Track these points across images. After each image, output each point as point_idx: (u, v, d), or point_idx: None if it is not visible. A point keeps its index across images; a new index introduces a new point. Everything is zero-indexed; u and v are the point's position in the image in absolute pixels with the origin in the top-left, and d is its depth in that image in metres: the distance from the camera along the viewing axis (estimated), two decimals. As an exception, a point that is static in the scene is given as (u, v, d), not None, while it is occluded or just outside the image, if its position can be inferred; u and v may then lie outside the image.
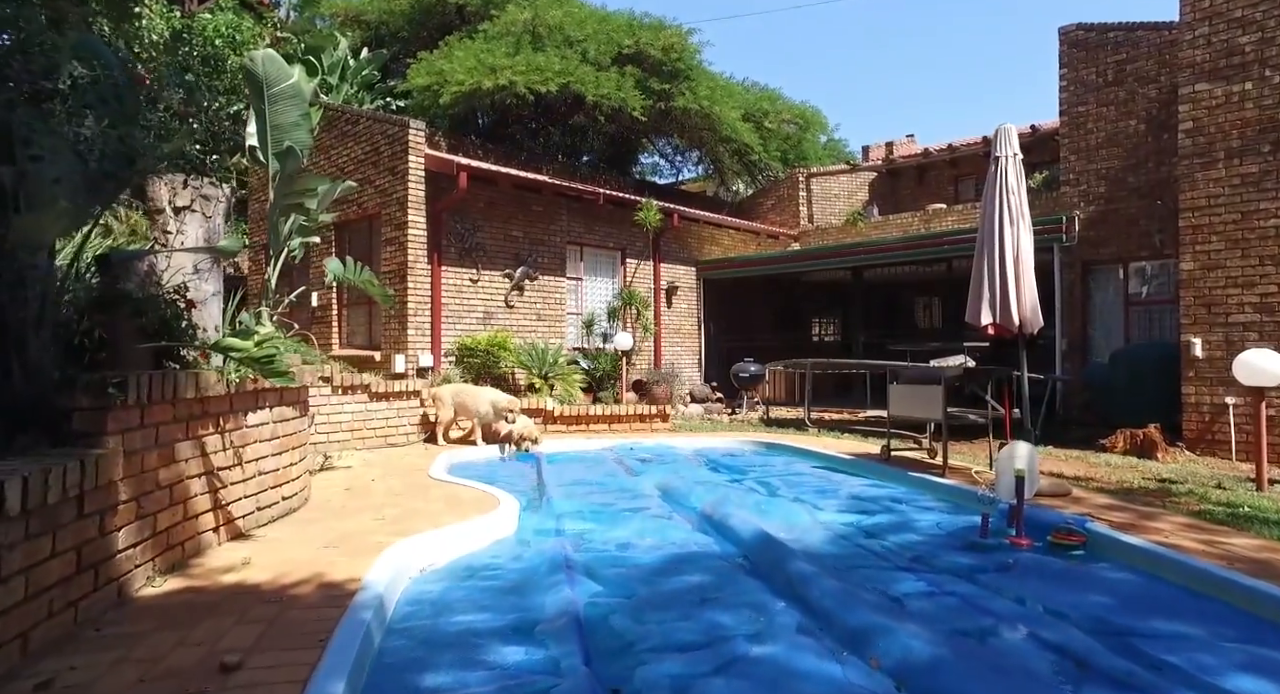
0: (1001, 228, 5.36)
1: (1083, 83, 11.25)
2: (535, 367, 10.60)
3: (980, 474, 4.56)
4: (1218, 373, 7.46)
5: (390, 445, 7.76)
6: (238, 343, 3.15)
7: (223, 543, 3.56)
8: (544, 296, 11.75)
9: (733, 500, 4.88)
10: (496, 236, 11.08)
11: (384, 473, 5.97)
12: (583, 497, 5.40)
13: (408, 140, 10.01)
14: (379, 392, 7.70)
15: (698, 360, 15.35)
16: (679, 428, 9.77)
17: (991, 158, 5.57)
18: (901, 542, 4.11)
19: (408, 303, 9.84)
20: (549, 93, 15.84)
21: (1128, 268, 10.88)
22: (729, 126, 17.55)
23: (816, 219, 18.40)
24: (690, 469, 6.74)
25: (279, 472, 4.18)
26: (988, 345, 8.21)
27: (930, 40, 60.34)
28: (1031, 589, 3.27)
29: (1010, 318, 5.28)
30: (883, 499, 5.24)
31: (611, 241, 13.44)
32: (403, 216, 10.01)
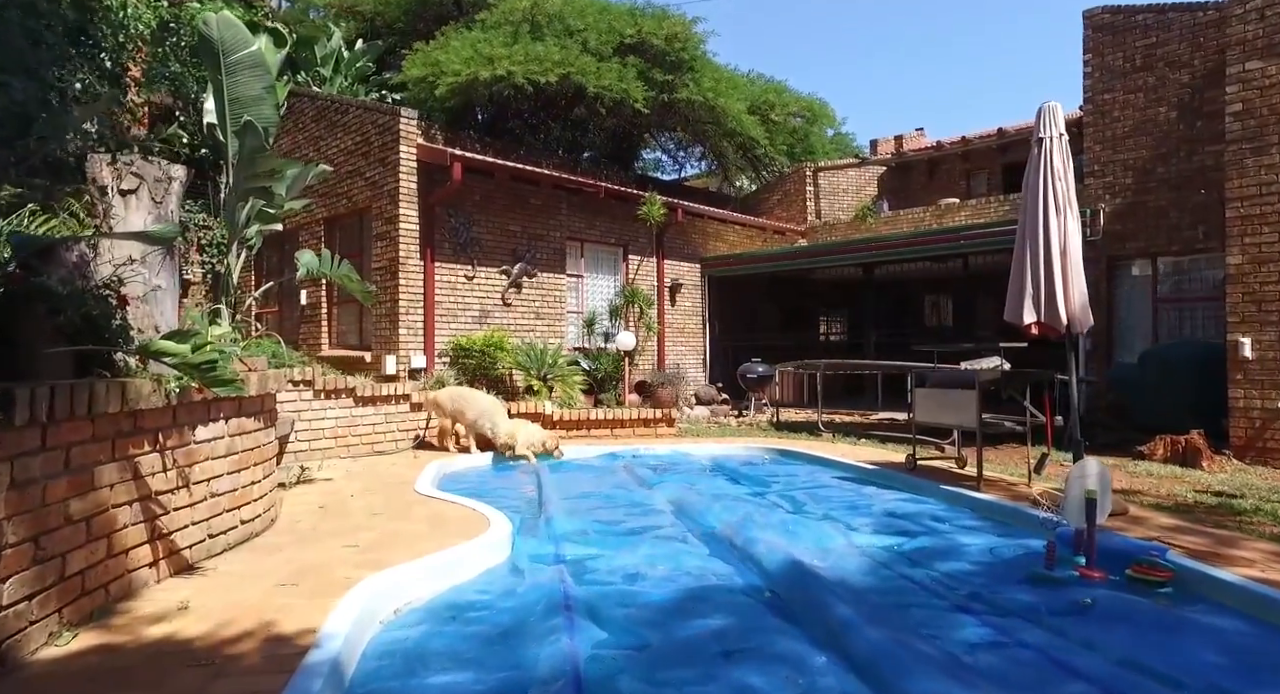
0: (1046, 216, 4.82)
1: (1109, 69, 10.70)
2: (534, 368, 10.07)
3: (1043, 494, 4.05)
4: (1269, 375, 6.92)
5: (378, 453, 7.23)
6: (170, 346, 2.62)
7: (162, 579, 3.04)
8: (543, 294, 11.23)
9: (756, 520, 4.35)
10: (493, 231, 10.56)
11: (366, 487, 5.45)
12: (587, 513, 4.87)
13: (399, 130, 9.49)
14: (365, 396, 7.18)
15: (702, 360, 14.84)
16: (685, 432, 9.25)
17: (1035, 139, 5.03)
18: (953, 572, 3.58)
19: (399, 301, 9.31)
20: (548, 84, 15.29)
21: (1156, 263, 10.33)
22: (734, 119, 17.00)
23: (824, 215, 17.85)
24: (706, 480, 6.21)
25: (237, 492, 3.66)
26: (1025, 346, 7.67)
27: (940, 29, 59.44)
28: (1122, 641, 2.73)
29: (1057, 316, 4.75)
30: (919, 517, 4.70)
31: (613, 237, 12.92)
32: (394, 210, 9.49)
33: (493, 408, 7.46)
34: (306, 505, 4.73)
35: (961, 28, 59.51)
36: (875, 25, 60.10)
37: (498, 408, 7.55)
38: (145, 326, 3.35)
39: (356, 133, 10.24)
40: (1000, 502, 4.84)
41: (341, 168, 10.46)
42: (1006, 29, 59.84)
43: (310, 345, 10.84)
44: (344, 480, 5.70)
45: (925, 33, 59.21)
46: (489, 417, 7.30)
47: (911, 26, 59.59)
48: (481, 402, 7.53)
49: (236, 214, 4.07)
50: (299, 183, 4.32)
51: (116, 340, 2.90)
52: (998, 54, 60.88)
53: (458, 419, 7.49)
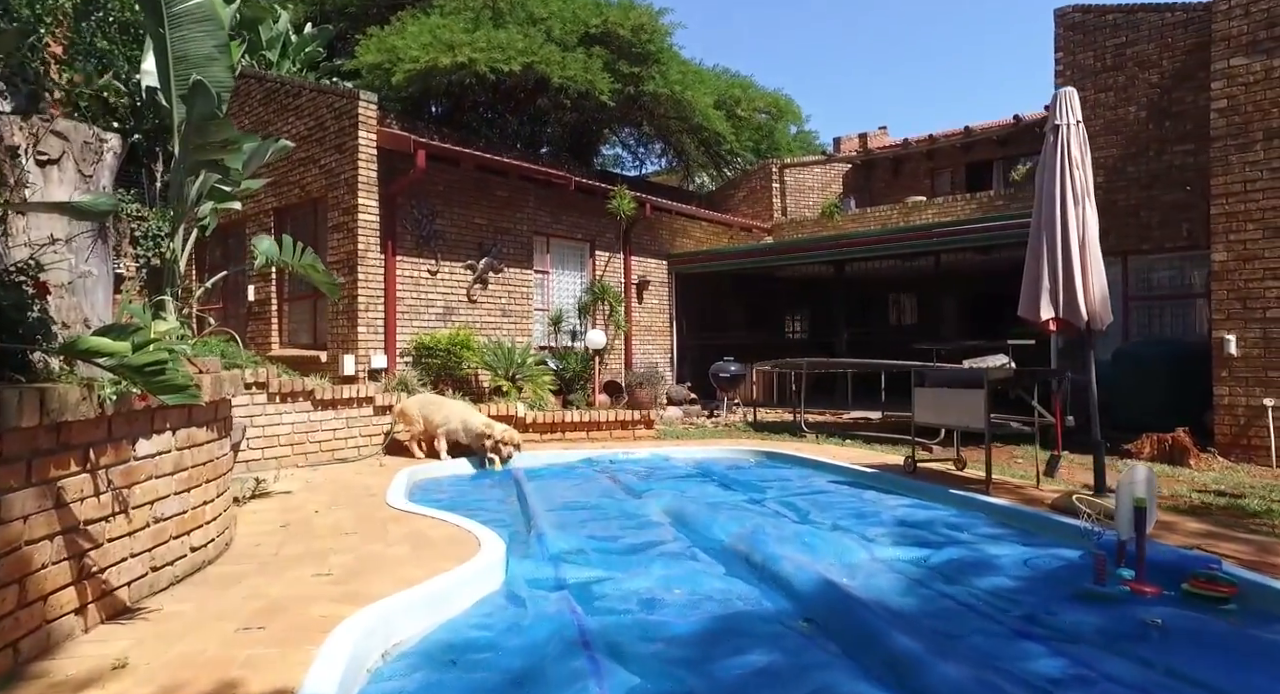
0: (1064, 207, 4.61)
1: (1080, 67, 10.73)
2: (501, 367, 9.57)
3: (1080, 499, 3.81)
4: (1255, 372, 6.91)
5: (339, 461, 6.66)
6: (105, 344, 2.12)
7: (92, 628, 2.51)
8: (509, 290, 10.72)
9: (769, 533, 3.99)
10: (457, 224, 10.01)
11: (331, 500, 4.91)
12: (579, 527, 4.45)
13: (357, 114, 8.87)
14: (325, 399, 6.60)
15: (670, 359, 14.50)
16: (663, 434, 8.88)
17: (1050, 126, 4.82)
18: (995, 589, 3.28)
19: (358, 296, 8.70)
20: (511, 73, 14.77)
21: (1127, 261, 10.41)
22: (701, 114, 16.73)
23: (790, 212, 17.73)
24: (696, 486, 5.84)
25: (186, 515, 3.13)
26: (1031, 343, 7.57)
27: (903, 27, 60.16)
28: (1212, 669, 2.46)
29: (1077, 311, 4.53)
30: (934, 525, 4.42)
31: (580, 232, 12.47)
32: (352, 199, 8.86)
33: (463, 409, 7.01)
34: (266, 524, 4.19)
35: (921, 25, 60.41)
36: (836, 23, 60.51)
37: (469, 408, 7.11)
38: (72, 321, 2.81)
39: (310, 117, 9.57)
40: (1018, 507, 4.60)
41: (294, 154, 9.75)
42: (968, 28, 61.00)
43: (259, 344, 10.11)
44: (305, 493, 5.15)
45: (886, 30, 59.89)
46: (459, 417, 6.82)
47: (872, 24, 60.19)
48: (450, 405, 7.08)
49: (185, 189, 3.51)
50: (256, 159, 3.79)
51: (33, 337, 2.38)
52: (959, 54, 62.04)
53: (427, 426, 7.00)
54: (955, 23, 59.83)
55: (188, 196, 3.58)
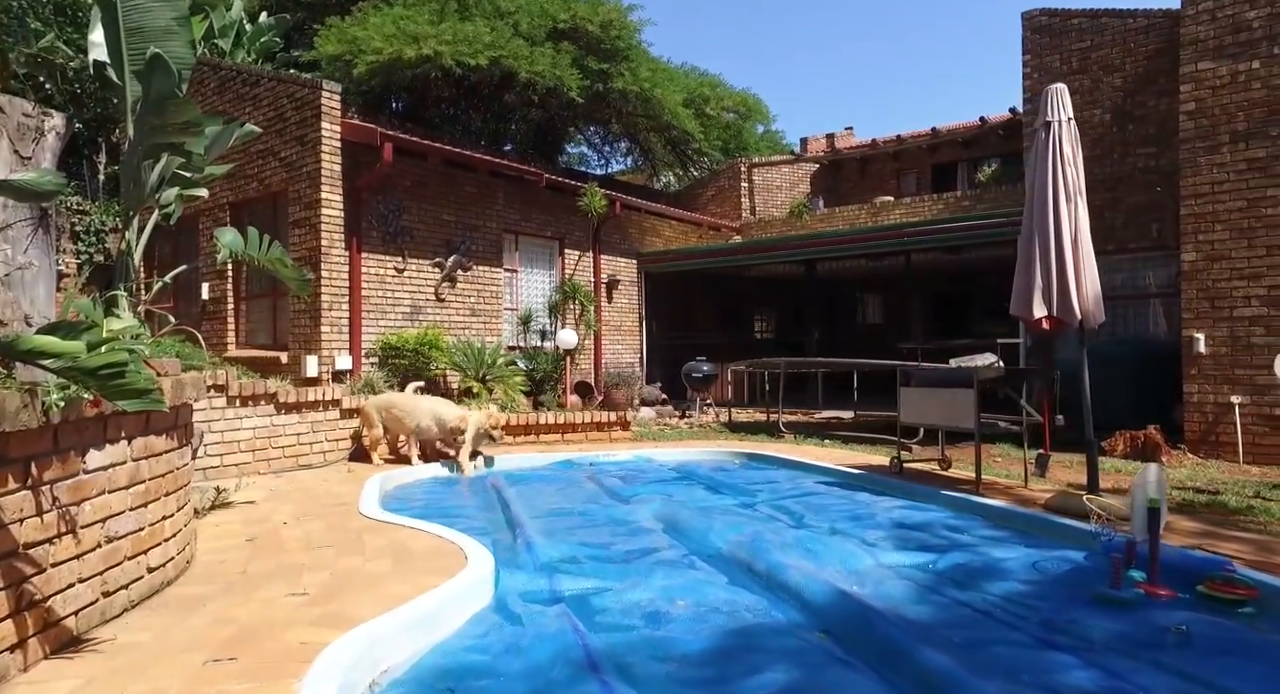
0: (1056, 204, 4.57)
1: (1047, 70, 10.88)
2: (471, 368, 9.27)
3: (1091, 500, 3.74)
4: (1223, 370, 7.03)
5: (304, 467, 6.31)
6: (53, 344, 1.84)
7: (32, 665, 2.22)
8: (479, 289, 10.42)
9: (769, 540, 3.84)
10: (425, 220, 9.67)
11: (300, 510, 4.60)
12: (567, 534, 4.24)
13: (320, 105, 8.49)
14: (288, 402, 6.25)
15: (640, 359, 14.32)
16: (640, 436, 8.69)
17: (1041, 123, 4.77)
18: (1008, 595, 3.18)
19: (321, 295, 8.32)
20: (477, 67, 14.42)
21: (1093, 262, 10.58)
22: (670, 112, 16.58)
23: (758, 211, 17.73)
24: (683, 490, 5.67)
25: (143, 532, 2.83)
26: (1016, 342, 7.58)
27: (868, 29, 60.61)
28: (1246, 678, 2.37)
29: (1070, 309, 4.49)
30: (933, 527, 4.33)
31: (549, 230, 12.22)
32: (315, 194, 8.48)
33: (433, 404, 6.73)
34: (230, 538, 3.88)
35: (887, 27, 61.07)
36: (800, 22, 60.70)
37: (440, 402, 6.84)
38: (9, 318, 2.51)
39: (269, 107, 9.13)
40: (1014, 508, 4.53)
41: (251, 146, 9.31)
42: (934, 30, 61.82)
43: (214, 345, 9.62)
44: (270, 502, 4.82)
45: (851, 31, 60.35)
46: (429, 413, 6.55)
47: (836, 24, 60.57)
48: (417, 402, 6.78)
49: (143, 174, 3.19)
50: (220, 144, 3.48)
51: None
52: (924, 57, 62.83)
53: (395, 428, 6.71)
54: (920, 25, 60.73)
55: (146, 182, 3.25)
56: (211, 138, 3.44)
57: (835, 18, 58.95)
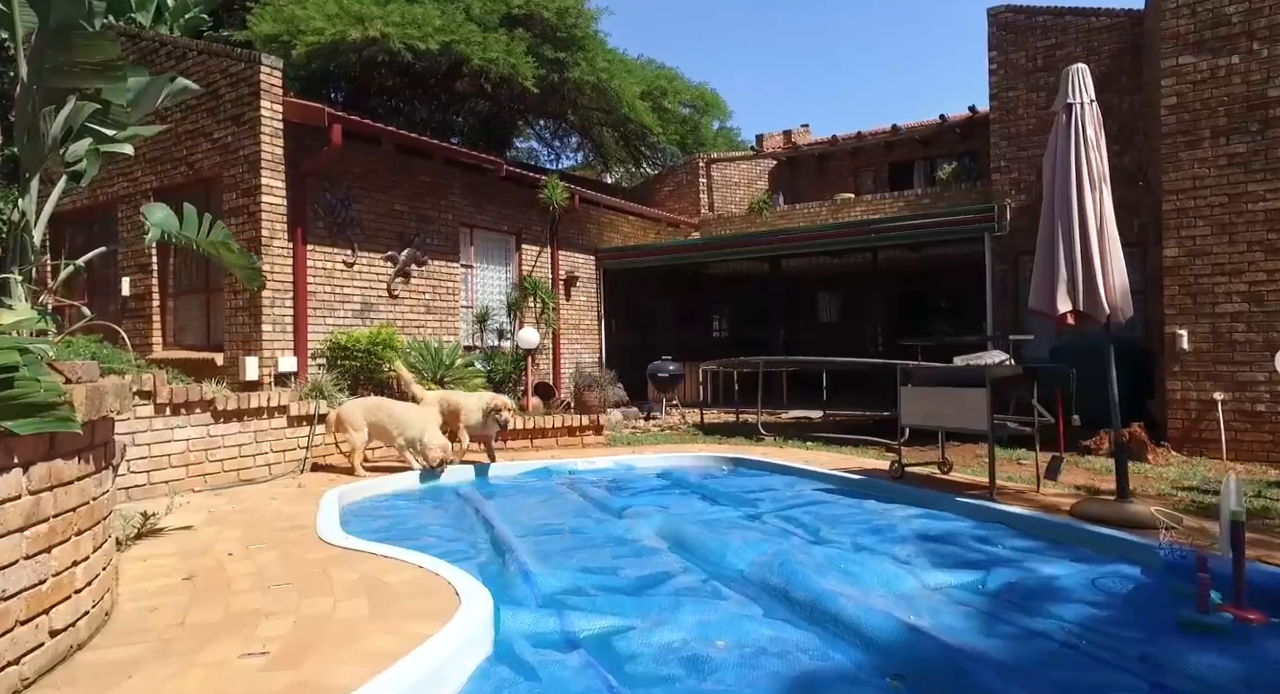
0: (1081, 192, 4.30)
1: (1013, 67, 10.88)
2: (428, 369, 8.62)
3: (1162, 512, 3.45)
4: (1205, 367, 6.99)
5: (246, 482, 5.60)
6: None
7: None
8: (434, 285, 9.75)
9: (797, 559, 3.42)
10: (377, 211, 8.96)
11: (247, 536, 3.95)
12: (565, 557, 3.74)
13: (258, 81, 7.71)
14: (228, 409, 5.53)
15: (599, 360, 13.83)
16: (613, 440, 8.20)
17: (1061, 105, 4.51)
18: (1084, 621, 2.84)
19: (262, 290, 7.54)
20: (427, 52, 13.67)
21: (1059, 259, 10.63)
22: (627, 105, 16.14)
23: (716, 207, 17.44)
24: (678, 500, 5.22)
25: (44, 586, 2.21)
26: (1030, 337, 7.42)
27: (822, 24, 60.80)
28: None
29: (1097, 303, 4.23)
30: (962, 540, 4.00)
31: (505, 224, 11.62)
32: (254, 179, 7.69)
33: (423, 416, 6.16)
34: (162, 576, 3.23)
35: (842, 24, 61.50)
36: (753, 18, 60.57)
37: (432, 415, 6.27)
38: None
39: (199, 83, 8.25)
40: (1042, 516, 4.24)
41: (179, 126, 8.44)
42: (889, 28, 62.48)
43: (138, 346, 8.69)
44: (211, 527, 4.15)
45: (806, 28, 60.57)
46: (419, 428, 5.99)
47: (792, 21, 60.71)
48: (407, 411, 6.21)
49: (42, 124, 2.51)
50: (147, 101, 2.85)
51: None
52: (878, 56, 63.50)
53: (378, 437, 6.14)
54: (875, 23, 61.41)
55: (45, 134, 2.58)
56: (137, 91, 2.80)
57: (788, 14, 59.17)
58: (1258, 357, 6.77)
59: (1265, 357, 6.74)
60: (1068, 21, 10.52)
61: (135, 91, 2.83)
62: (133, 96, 2.81)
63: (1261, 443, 6.73)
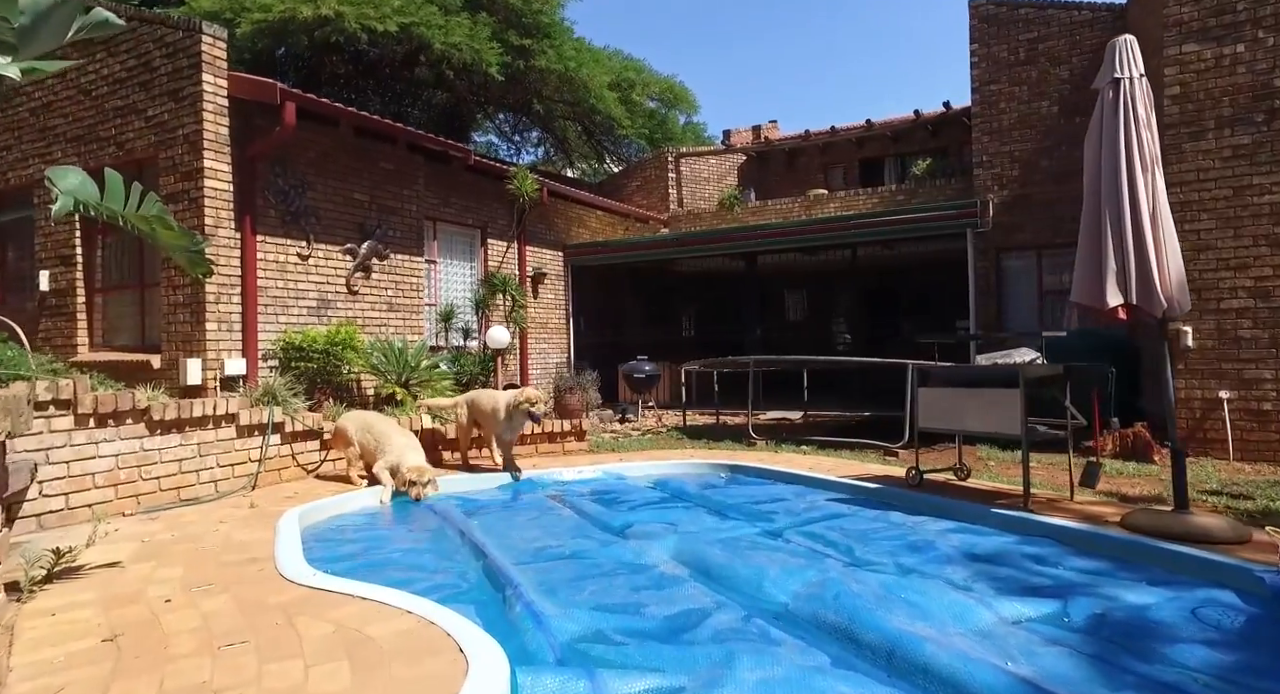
0: (1131, 172, 3.94)
1: (994, 60, 10.70)
2: (392, 371, 7.94)
3: (1276, 532, 3.09)
4: (1210, 365, 6.80)
5: (188, 502, 4.87)
6: None
7: None
8: (397, 281, 9.04)
9: (850, 590, 2.95)
10: (334, 199, 8.22)
11: (190, 573, 3.29)
12: (574, 590, 3.19)
13: (199, 53, 6.93)
14: (166, 418, 4.81)
15: (567, 359, 13.25)
16: (595, 446, 7.65)
17: (1108, 80, 4.14)
18: (1210, 666, 2.43)
19: (206, 285, 6.77)
20: (385, 34, 12.87)
21: (1042, 256, 10.48)
22: (596, 96, 15.58)
23: (685, 203, 17.01)
24: (682, 515, 4.70)
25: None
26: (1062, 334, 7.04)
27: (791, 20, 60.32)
28: None
29: (1152, 296, 3.88)
30: (1015, 558, 3.59)
31: (470, 217, 10.96)
32: (195, 162, 6.91)
33: (406, 443, 5.54)
34: (73, 638, 2.57)
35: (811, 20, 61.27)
36: (719, 12, 59.87)
37: (411, 443, 5.62)
38: None
39: (130, 54, 7.43)
40: (1098, 530, 3.86)
41: (106, 102, 7.57)
42: (854, 26, 62.34)
43: (58, 347, 7.79)
44: (143, 563, 3.46)
45: (776, 21, 60.15)
46: (396, 453, 5.37)
47: (757, 16, 60.19)
48: (392, 431, 5.61)
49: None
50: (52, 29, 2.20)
51: None
52: (845, 53, 63.34)
53: (364, 453, 5.53)
54: (844, 18, 61.35)
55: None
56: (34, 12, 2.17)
57: (756, 9, 58.86)
58: (1264, 354, 6.61)
59: (1272, 354, 6.58)
60: (1050, 14, 10.37)
61: (32, 13, 2.19)
62: (28, 21, 2.16)
63: (1269, 442, 6.56)
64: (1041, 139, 10.39)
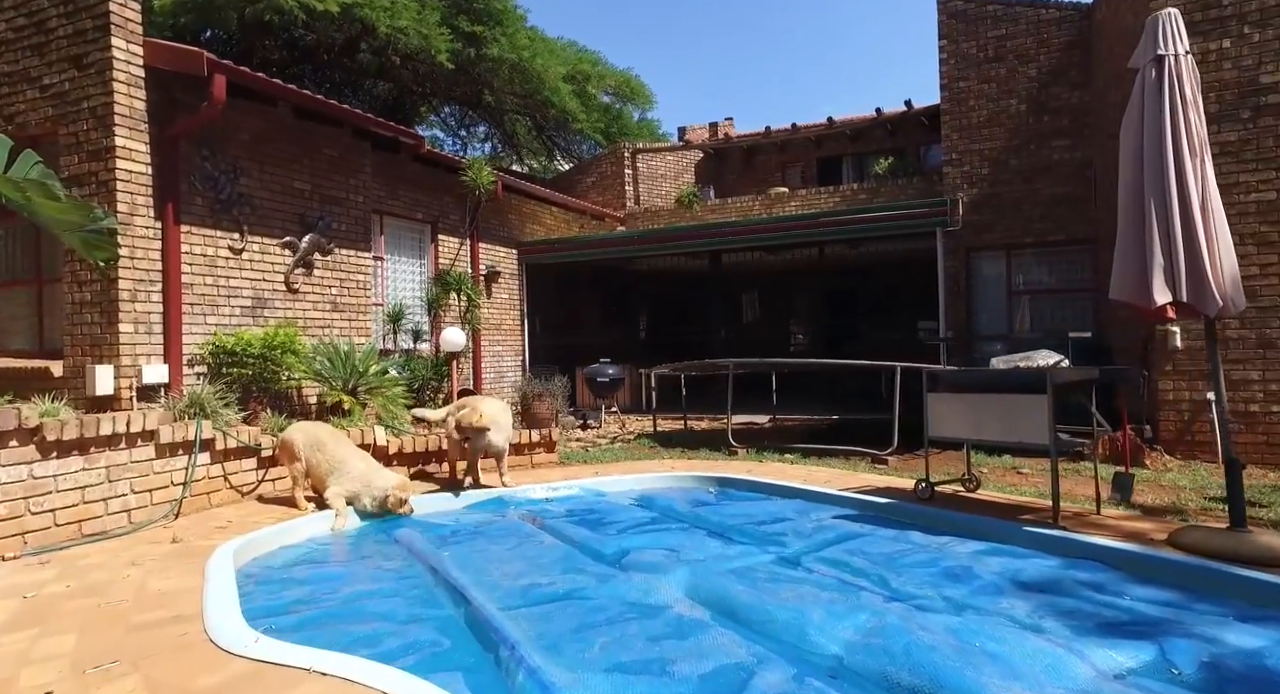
0: (1179, 158, 3.61)
1: (963, 56, 10.55)
2: (338, 378, 7.18)
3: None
4: (1198, 366, 6.66)
5: (92, 537, 4.09)
6: None
7: None
8: (342, 279, 8.25)
9: (916, 640, 2.48)
10: (271, 187, 7.40)
11: (85, 646, 2.58)
12: (582, 643, 2.64)
13: (107, 12, 6.05)
14: (65, 438, 4.01)
15: (521, 363, 12.62)
16: (566, 458, 7.05)
17: (1149, 58, 3.80)
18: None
19: (119, 280, 5.91)
20: (326, 14, 11.96)
21: (1011, 254, 10.37)
22: (550, 88, 14.93)
23: (642, 200, 16.53)
24: (682, 539, 4.16)
25: None
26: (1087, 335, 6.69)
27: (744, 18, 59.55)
28: None
29: (1205, 293, 3.55)
30: (1071, 587, 3.20)
31: (420, 212, 10.25)
32: (105, 139, 6.03)
33: (365, 461, 4.90)
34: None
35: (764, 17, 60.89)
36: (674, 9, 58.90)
37: (369, 460, 4.98)
38: None
39: (18, 12, 6.47)
40: (1154, 553, 3.50)
41: (-1, 70, 6.60)
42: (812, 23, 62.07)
43: (-58, 353, 6.74)
44: (18, 633, 2.72)
45: (730, 17, 59.40)
46: (360, 473, 4.73)
47: (717, 10, 59.35)
48: (343, 447, 4.92)
49: None
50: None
51: None
52: (801, 53, 63.02)
53: (313, 475, 4.82)
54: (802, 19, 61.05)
55: None
56: None
57: (708, 5, 58.32)
58: (1251, 354, 6.51)
59: (1258, 354, 6.48)
60: (1018, 12, 10.28)
61: None
62: None
63: (1255, 444, 6.46)
64: (1010, 137, 10.29)
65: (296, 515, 4.65)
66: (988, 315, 10.50)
